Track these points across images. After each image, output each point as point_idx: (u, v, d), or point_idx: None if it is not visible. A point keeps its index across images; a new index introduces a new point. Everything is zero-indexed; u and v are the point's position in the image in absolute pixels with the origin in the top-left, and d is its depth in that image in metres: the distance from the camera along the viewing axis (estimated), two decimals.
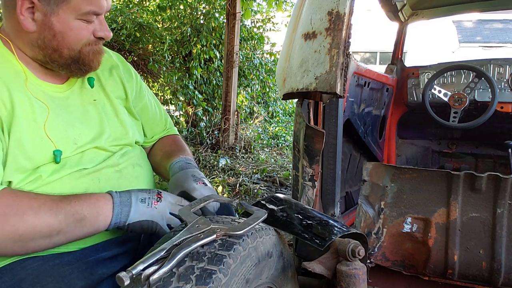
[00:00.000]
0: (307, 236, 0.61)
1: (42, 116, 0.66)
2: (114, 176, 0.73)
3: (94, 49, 0.71)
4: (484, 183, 0.87)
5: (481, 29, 12.41)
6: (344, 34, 0.80)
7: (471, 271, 0.91)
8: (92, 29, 0.69)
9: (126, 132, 0.80)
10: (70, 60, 0.69)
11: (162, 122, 0.95)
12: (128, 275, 0.46)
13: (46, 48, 0.67)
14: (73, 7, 0.65)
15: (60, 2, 0.64)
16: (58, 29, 0.66)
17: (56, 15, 0.65)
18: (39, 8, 0.64)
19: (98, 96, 0.78)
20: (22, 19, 0.64)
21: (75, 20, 0.66)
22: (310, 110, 0.98)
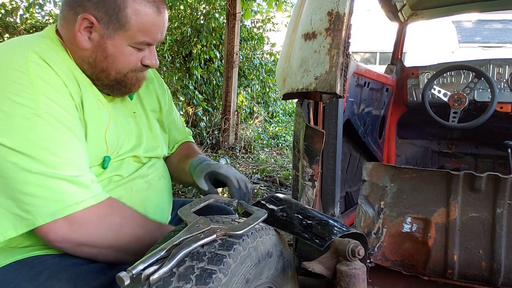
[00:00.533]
0: (307, 236, 0.61)
1: (105, 121, 0.70)
2: (144, 187, 0.76)
3: (139, 76, 0.74)
4: (484, 183, 0.88)
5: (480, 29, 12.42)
6: (344, 34, 0.80)
7: (471, 271, 0.91)
8: (141, 57, 0.72)
9: (158, 145, 0.83)
10: (114, 82, 0.72)
11: (183, 133, 1.00)
12: (128, 275, 0.46)
13: (96, 67, 0.69)
14: (130, 35, 0.68)
15: (118, 28, 0.67)
16: (110, 52, 0.68)
17: (112, 39, 0.68)
18: (97, 30, 0.67)
19: (136, 109, 0.82)
20: (79, 36, 0.67)
21: (128, 46, 0.69)
22: (310, 110, 0.99)
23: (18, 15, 3.93)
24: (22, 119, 0.58)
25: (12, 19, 3.88)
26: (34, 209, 0.58)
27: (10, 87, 0.59)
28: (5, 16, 3.77)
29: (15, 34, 3.80)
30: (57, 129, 0.60)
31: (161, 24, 0.71)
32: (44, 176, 0.58)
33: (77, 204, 0.60)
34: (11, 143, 0.57)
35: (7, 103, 0.58)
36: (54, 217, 0.58)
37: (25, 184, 0.58)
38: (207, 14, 4.47)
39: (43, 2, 4.06)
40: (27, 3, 3.92)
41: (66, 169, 0.60)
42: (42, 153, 0.59)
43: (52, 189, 0.58)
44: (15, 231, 0.59)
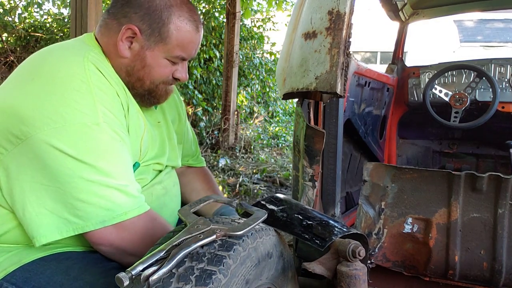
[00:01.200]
0: (307, 237, 0.61)
1: (142, 129, 0.73)
2: (161, 192, 0.80)
3: (168, 88, 0.78)
4: (485, 183, 0.87)
5: (482, 29, 12.40)
6: (345, 34, 0.80)
7: (472, 271, 0.90)
8: (174, 70, 0.76)
9: (176, 156, 0.87)
10: (147, 91, 0.75)
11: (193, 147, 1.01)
12: (127, 276, 0.46)
13: (132, 76, 0.73)
14: (168, 48, 0.72)
15: (159, 41, 0.71)
16: (148, 62, 0.72)
17: (151, 50, 0.72)
18: (139, 40, 0.71)
19: (160, 119, 0.85)
20: (120, 45, 0.70)
21: (164, 59, 0.73)
22: (310, 110, 0.98)
23: (17, 14, 3.93)
24: (82, 126, 0.61)
25: (11, 18, 3.87)
26: (85, 215, 0.60)
27: (70, 94, 0.62)
28: (4, 15, 3.77)
29: (14, 33, 3.80)
30: (112, 139, 0.63)
31: (198, 41, 0.76)
32: (98, 184, 0.60)
33: (125, 214, 0.62)
34: (69, 149, 0.59)
35: (67, 110, 0.61)
36: (104, 225, 0.61)
37: (79, 191, 0.59)
38: (207, 13, 4.47)
39: (41, 1, 4.06)
40: (25, 2, 3.92)
41: (118, 178, 0.62)
42: (98, 161, 0.60)
43: (105, 198, 0.60)
44: (59, 234, 0.61)
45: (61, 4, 4.20)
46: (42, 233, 0.60)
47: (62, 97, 0.61)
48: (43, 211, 0.60)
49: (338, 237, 0.61)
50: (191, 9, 0.74)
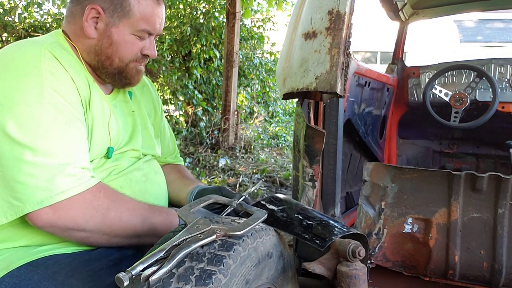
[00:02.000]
0: (307, 237, 0.61)
1: (107, 115, 0.74)
2: (142, 179, 0.80)
3: (138, 67, 0.79)
4: (485, 183, 0.87)
5: (482, 29, 12.40)
6: (345, 34, 0.80)
7: (472, 271, 0.90)
8: (142, 46, 0.77)
9: (153, 144, 0.88)
10: (117, 70, 0.77)
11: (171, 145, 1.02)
12: (127, 276, 0.46)
13: (101, 54, 0.74)
14: (132, 23, 0.74)
15: (122, 16, 0.73)
16: (115, 39, 0.74)
17: (116, 27, 0.74)
18: (103, 19, 0.73)
19: (135, 108, 0.86)
20: (86, 26, 0.73)
21: (131, 35, 0.75)
22: (310, 110, 0.98)
23: (17, 14, 3.93)
24: (25, 106, 0.62)
25: (11, 18, 3.88)
26: (23, 197, 0.61)
27: (21, 78, 0.63)
28: (4, 15, 3.77)
29: (14, 33, 3.80)
30: (55, 119, 0.63)
31: (160, 14, 0.78)
32: (35, 165, 0.61)
33: (63, 193, 0.62)
34: (12, 129, 0.61)
35: (15, 92, 0.62)
36: (41, 205, 0.61)
37: (18, 173, 0.60)
38: (207, 13, 4.47)
39: (41, 1, 4.06)
40: (25, 2, 3.92)
41: (57, 158, 0.62)
42: (37, 141, 0.61)
43: (41, 178, 0.61)
44: (5, 218, 0.62)
45: (61, 4, 4.20)
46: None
47: (13, 81, 0.63)
48: None
49: (338, 237, 0.61)
50: None
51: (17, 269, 0.63)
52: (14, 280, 0.62)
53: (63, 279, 0.63)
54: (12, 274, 0.63)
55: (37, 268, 0.64)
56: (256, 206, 0.67)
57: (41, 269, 0.64)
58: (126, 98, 0.84)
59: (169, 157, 1.01)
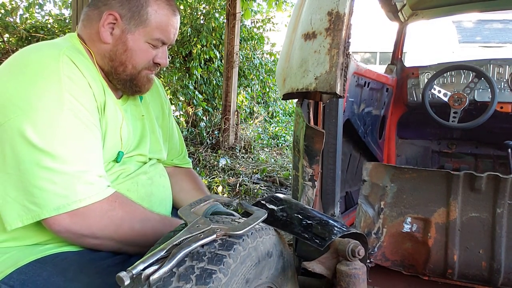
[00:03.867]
0: (307, 236, 0.61)
1: (119, 120, 0.76)
2: (147, 182, 0.81)
3: (149, 75, 0.80)
4: (484, 183, 0.88)
5: (481, 29, 12.41)
6: (344, 34, 0.80)
7: (471, 271, 0.91)
8: (155, 55, 0.78)
9: (160, 149, 0.89)
10: (129, 77, 0.77)
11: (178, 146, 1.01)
12: (128, 275, 0.46)
13: (115, 60, 0.75)
14: (148, 31, 0.75)
15: (138, 24, 0.74)
16: (129, 46, 0.75)
17: (132, 34, 0.75)
18: (120, 25, 0.74)
19: (144, 112, 0.87)
20: (102, 31, 0.73)
21: (145, 42, 0.76)
22: (310, 110, 0.98)
23: (18, 15, 3.93)
24: (44, 112, 0.62)
25: (12, 19, 3.88)
26: (41, 202, 0.61)
27: (39, 83, 0.63)
28: (5, 16, 3.77)
29: (15, 34, 3.80)
30: (75, 125, 0.64)
31: (175, 25, 0.79)
32: (54, 171, 0.61)
33: (80, 201, 0.63)
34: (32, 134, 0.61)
35: (34, 97, 0.62)
36: (58, 212, 0.62)
37: (36, 178, 0.61)
38: (207, 14, 4.47)
39: (43, 2, 4.07)
40: (27, 3, 3.93)
41: (76, 165, 0.63)
42: (55, 148, 0.62)
43: (60, 185, 0.61)
44: (21, 222, 0.62)
45: (62, 5, 4.21)
46: (8, 221, 0.62)
47: (31, 85, 0.63)
48: (8, 199, 0.62)
49: (337, 237, 0.62)
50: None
51: (25, 266, 0.64)
52: (23, 276, 0.63)
53: (72, 275, 0.63)
54: (20, 271, 0.63)
55: (46, 265, 0.64)
56: (256, 205, 0.68)
57: (50, 265, 0.64)
58: (136, 102, 0.85)
59: (176, 159, 1.00)
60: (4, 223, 0.63)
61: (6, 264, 0.64)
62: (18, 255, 0.66)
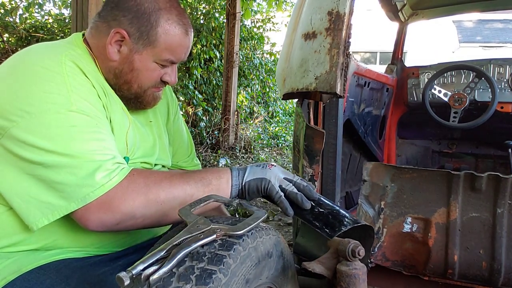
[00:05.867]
0: (317, 225, 0.61)
1: (126, 124, 0.74)
2: None
3: (156, 93, 0.78)
4: (484, 183, 0.87)
5: (481, 29, 12.41)
6: (344, 34, 0.80)
7: (471, 271, 0.91)
8: (163, 73, 0.76)
9: (166, 156, 0.88)
10: (134, 95, 0.75)
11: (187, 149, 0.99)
12: (128, 275, 0.46)
13: (120, 78, 0.73)
14: (156, 52, 0.72)
15: (147, 44, 0.71)
16: (136, 66, 0.72)
17: (140, 54, 0.72)
18: (127, 44, 0.71)
19: (152, 118, 0.85)
20: (109, 48, 0.71)
21: (153, 62, 0.73)
22: (310, 110, 0.98)
23: (18, 14, 3.93)
24: (54, 114, 0.61)
25: (12, 18, 3.88)
26: (66, 195, 0.61)
27: (44, 86, 0.62)
28: (5, 15, 3.77)
29: (15, 34, 3.80)
30: (86, 121, 0.64)
31: (187, 45, 0.76)
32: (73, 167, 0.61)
33: (103, 186, 0.62)
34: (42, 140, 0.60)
35: (40, 100, 0.61)
36: (85, 202, 0.61)
37: (56, 176, 0.60)
38: (207, 13, 4.47)
39: (42, 1, 4.07)
40: (26, 2, 3.93)
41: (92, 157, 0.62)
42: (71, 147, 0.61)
43: (81, 176, 0.61)
44: (46, 219, 0.61)
45: (62, 4, 4.21)
46: (32, 221, 0.61)
47: (35, 88, 0.62)
48: (29, 199, 0.61)
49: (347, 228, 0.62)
50: (180, 13, 0.73)
51: (28, 272, 0.63)
52: (26, 284, 0.62)
53: (75, 284, 0.63)
54: (23, 278, 0.63)
55: (49, 272, 0.64)
56: None
57: (53, 273, 0.64)
58: None
59: (182, 161, 0.98)
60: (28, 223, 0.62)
61: (9, 270, 0.64)
62: (22, 260, 0.65)
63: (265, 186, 0.69)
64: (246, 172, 0.71)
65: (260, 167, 0.71)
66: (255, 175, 0.70)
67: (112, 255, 0.73)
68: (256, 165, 0.72)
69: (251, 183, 0.69)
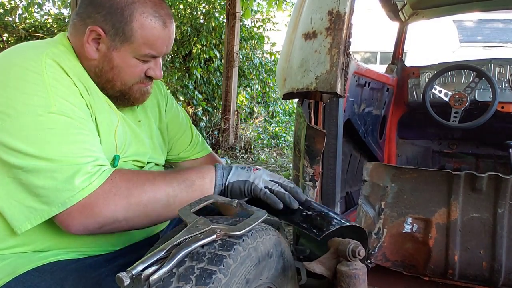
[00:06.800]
0: (305, 226, 0.62)
1: (114, 122, 0.72)
2: None
3: (143, 89, 0.76)
4: (485, 183, 0.87)
5: (481, 29, 12.40)
6: (345, 34, 0.80)
7: (472, 271, 0.90)
8: (146, 68, 0.74)
9: (160, 154, 0.87)
10: (119, 93, 0.73)
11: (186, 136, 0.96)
12: (128, 275, 0.46)
13: (101, 77, 0.71)
14: (134, 48, 0.70)
15: (124, 41, 0.69)
16: (116, 63, 0.70)
17: (118, 51, 0.70)
18: (104, 41, 0.69)
19: (142, 117, 0.83)
20: (87, 46, 0.69)
21: (133, 58, 0.71)
22: (310, 110, 0.98)
23: (17, 14, 3.93)
24: (34, 116, 0.60)
25: (11, 18, 3.88)
26: (47, 200, 0.60)
27: (23, 87, 0.61)
28: (4, 15, 3.77)
29: (14, 33, 3.80)
30: (67, 124, 0.62)
31: (167, 37, 0.72)
32: (53, 171, 0.60)
33: (83, 190, 0.61)
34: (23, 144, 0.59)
35: (20, 102, 0.60)
36: (66, 206, 0.60)
37: (37, 180, 0.60)
38: (207, 13, 4.47)
39: (42, 1, 4.07)
40: (26, 2, 3.93)
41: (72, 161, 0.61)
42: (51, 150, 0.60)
43: (61, 180, 0.60)
44: (29, 223, 0.61)
45: (61, 4, 4.21)
46: (16, 224, 0.61)
47: (15, 90, 0.60)
48: (13, 203, 0.61)
49: (335, 228, 0.62)
50: (156, 4, 0.70)
51: (23, 274, 0.63)
52: (20, 286, 0.62)
53: (70, 286, 0.62)
54: (18, 280, 0.62)
55: (44, 274, 0.63)
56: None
57: (48, 275, 0.63)
58: (133, 107, 0.82)
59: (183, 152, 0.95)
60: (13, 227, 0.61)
61: (4, 271, 0.63)
62: (17, 262, 0.64)
63: (248, 187, 0.69)
64: (230, 172, 0.70)
65: (245, 170, 0.71)
66: (239, 177, 0.69)
67: (107, 256, 0.72)
68: (241, 167, 0.72)
69: (234, 184, 0.69)
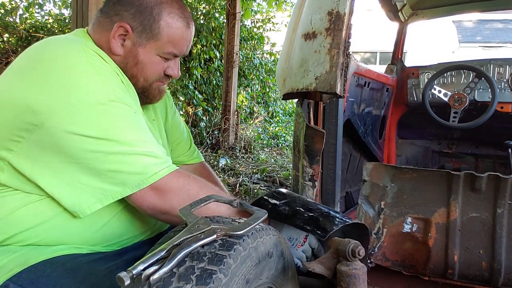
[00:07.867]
0: (309, 228, 0.62)
1: None
2: None
3: (160, 87, 0.79)
4: (484, 183, 0.88)
5: (481, 29, 12.41)
6: (344, 34, 0.80)
7: (471, 271, 0.91)
8: (166, 67, 0.77)
9: (168, 153, 0.89)
10: (140, 90, 0.76)
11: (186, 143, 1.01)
12: (128, 275, 0.46)
13: (126, 73, 0.73)
14: (159, 45, 0.73)
15: (150, 38, 0.72)
16: (141, 59, 0.74)
17: (143, 47, 0.73)
18: (131, 37, 0.72)
19: (154, 117, 0.87)
20: (113, 42, 0.72)
21: (156, 55, 0.75)
22: (310, 110, 0.99)
23: (18, 14, 3.93)
24: (96, 105, 0.62)
25: (12, 18, 3.88)
26: (120, 182, 0.63)
27: (78, 77, 0.63)
28: (5, 15, 3.78)
29: (15, 34, 3.80)
30: (128, 111, 0.66)
31: (189, 38, 0.77)
32: (124, 154, 0.63)
33: (156, 175, 0.65)
34: (89, 130, 0.61)
35: (79, 92, 0.62)
36: (139, 188, 0.64)
37: (108, 164, 0.63)
38: (207, 13, 4.48)
39: (42, 2, 4.07)
40: (26, 2, 3.93)
41: (142, 146, 0.65)
42: (119, 135, 0.63)
43: (134, 164, 0.63)
44: (100, 203, 0.65)
45: (62, 4, 4.21)
46: (84, 205, 0.63)
47: (70, 80, 0.62)
48: (79, 185, 0.63)
49: (339, 227, 0.62)
50: (182, 6, 0.75)
51: (34, 265, 0.63)
52: (32, 276, 0.62)
53: (82, 277, 0.63)
54: (29, 270, 0.63)
55: (56, 265, 0.64)
56: (259, 201, 0.68)
57: (60, 266, 0.64)
58: (147, 106, 0.84)
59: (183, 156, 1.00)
60: (77, 209, 0.63)
61: (15, 262, 0.64)
62: (29, 254, 0.65)
63: None
64: None
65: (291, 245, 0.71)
66: None
67: (116, 251, 0.73)
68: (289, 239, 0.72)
69: None
